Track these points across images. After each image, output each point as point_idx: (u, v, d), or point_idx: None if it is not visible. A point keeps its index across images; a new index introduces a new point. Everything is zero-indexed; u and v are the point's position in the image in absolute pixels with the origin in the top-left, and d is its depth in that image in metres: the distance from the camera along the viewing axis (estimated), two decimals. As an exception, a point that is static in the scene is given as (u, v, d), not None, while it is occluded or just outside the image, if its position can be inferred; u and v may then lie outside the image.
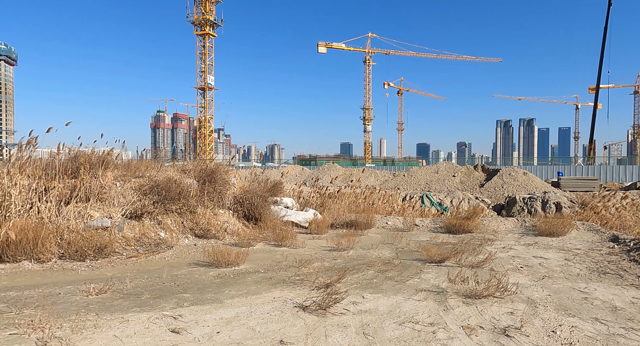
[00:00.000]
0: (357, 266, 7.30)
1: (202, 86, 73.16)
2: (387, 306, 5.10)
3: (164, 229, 10.15)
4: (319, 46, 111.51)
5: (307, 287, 5.85)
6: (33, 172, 9.24)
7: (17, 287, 5.86)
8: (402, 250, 8.92)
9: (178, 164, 14.40)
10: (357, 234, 10.67)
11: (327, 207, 14.88)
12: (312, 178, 30.76)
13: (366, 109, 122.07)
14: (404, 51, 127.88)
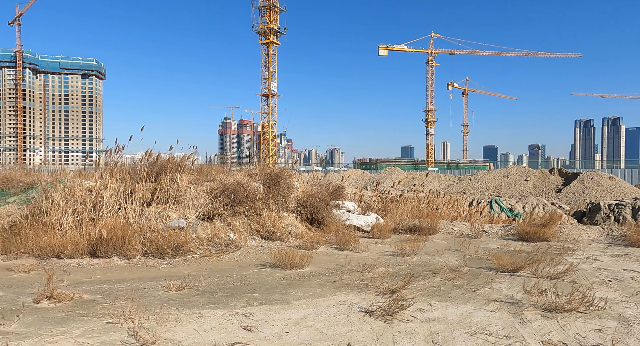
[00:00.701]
0: (422, 272, 7.13)
1: (265, 93, 75.97)
2: (456, 315, 4.92)
3: (233, 231, 10.67)
4: (380, 49, 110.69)
5: (372, 292, 5.83)
6: (122, 176, 10.21)
7: (109, 280, 6.51)
8: (471, 258, 8.55)
9: (245, 168, 15.07)
10: (421, 240, 10.41)
11: (389, 211, 14.69)
12: (373, 181, 30.52)
13: (428, 111, 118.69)
14: (470, 50, 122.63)
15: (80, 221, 9.21)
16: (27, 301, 5.21)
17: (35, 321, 4.55)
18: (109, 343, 3.98)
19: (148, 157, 11.36)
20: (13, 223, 9.21)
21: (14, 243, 8.28)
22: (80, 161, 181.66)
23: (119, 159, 11.18)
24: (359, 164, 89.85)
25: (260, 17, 75.30)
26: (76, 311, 4.90)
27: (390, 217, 13.98)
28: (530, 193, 24.41)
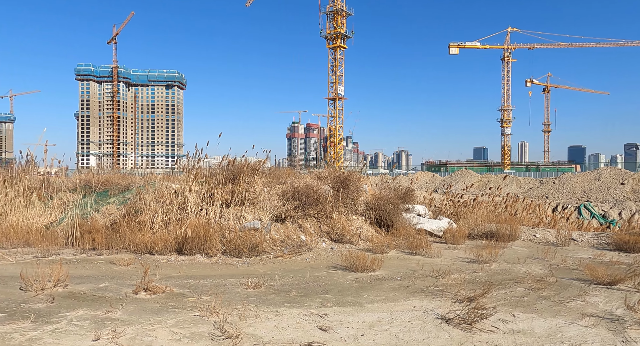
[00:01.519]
0: (502, 281, 6.73)
1: (332, 97, 76.85)
2: (544, 328, 4.58)
3: (304, 233, 10.94)
4: (451, 47, 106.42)
5: (447, 299, 5.65)
6: (206, 179, 10.98)
7: (194, 276, 7.05)
8: (557, 267, 7.89)
9: (314, 171, 15.37)
10: (499, 247, 9.82)
11: (462, 216, 14.06)
12: (443, 184, 29.41)
13: (504, 110, 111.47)
14: (553, 43, 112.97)
15: (168, 221, 10.08)
16: (128, 291, 5.84)
17: (135, 310, 5.09)
18: (198, 334, 4.32)
19: (226, 162, 12.09)
20: (113, 221, 10.34)
21: (114, 239, 9.29)
22: (164, 164, 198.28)
23: (199, 164, 12.03)
24: (428, 166, 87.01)
25: (327, 22, 76.51)
26: (168, 303, 5.38)
27: (464, 222, 13.37)
28: (627, 198, 21.82)
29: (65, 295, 5.66)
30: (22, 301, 5.34)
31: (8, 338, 4.14)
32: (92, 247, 9.17)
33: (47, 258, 8.24)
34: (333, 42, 76.31)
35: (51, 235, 9.84)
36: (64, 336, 4.20)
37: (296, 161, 25.84)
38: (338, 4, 74.99)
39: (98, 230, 9.64)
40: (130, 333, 4.31)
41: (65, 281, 6.05)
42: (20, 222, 11.03)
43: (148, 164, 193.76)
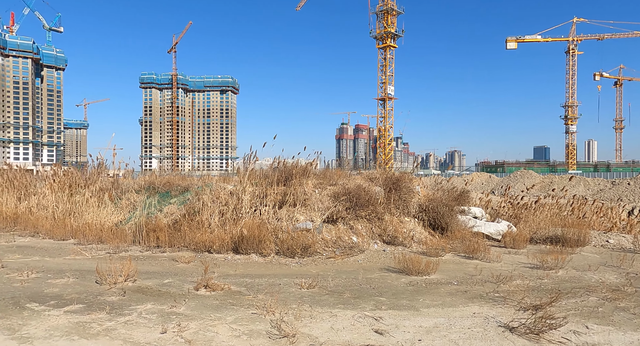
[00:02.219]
0: (572, 289, 6.27)
1: (382, 97, 75.98)
2: (624, 343, 4.20)
3: (356, 234, 10.89)
4: (508, 42, 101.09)
5: (510, 306, 5.36)
6: (258, 181, 11.30)
7: (250, 275, 7.26)
8: (636, 276, 7.20)
9: (364, 172, 15.27)
10: (565, 252, 9.16)
11: (523, 219, 13.28)
12: (501, 186, 28.00)
13: (569, 106, 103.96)
14: (626, 33, 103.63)
15: (224, 221, 10.49)
16: (189, 288, 6.14)
17: (197, 306, 5.34)
18: (256, 332, 4.45)
19: (278, 163, 12.35)
20: (175, 221, 10.95)
21: (176, 238, 9.83)
22: (219, 166, 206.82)
23: (253, 166, 12.39)
24: (483, 167, 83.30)
25: (377, 21, 75.86)
26: (227, 300, 5.59)
27: (525, 225, 12.63)
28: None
29: (135, 289, 6.06)
30: (98, 293, 5.81)
31: (88, 328, 4.51)
32: (157, 245, 9.76)
33: (118, 254, 8.88)
34: (383, 41, 75.46)
35: (121, 233, 10.61)
36: (135, 328, 4.51)
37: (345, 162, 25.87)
38: (388, 3, 74.07)
39: (161, 229, 10.25)
40: (194, 327, 4.53)
41: (134, 277, 6.49)
42: (94, 220, 12.01)
43: (204, 166, 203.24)
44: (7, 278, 6.64)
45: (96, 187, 13.89)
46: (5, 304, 5.30)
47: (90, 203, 13.26)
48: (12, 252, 9.03)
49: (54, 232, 11.19)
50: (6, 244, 10.08)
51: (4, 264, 7.58)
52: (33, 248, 9.68)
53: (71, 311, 5.05)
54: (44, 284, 6.31)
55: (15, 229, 12.27)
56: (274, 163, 12.56)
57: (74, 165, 18.59)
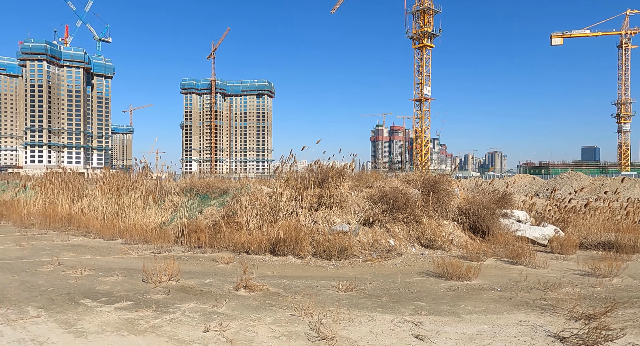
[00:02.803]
0: (629, 299, 5.86)
1: (418, 98, 74.71)
2: (688, 359, 3.88)
3: (393, 237, 10.75)
4: (553, 38, 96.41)
5: (560, 315, 5.09)
6: (294, 183, 11.42)
7: (287, 276, 7.34)
8: (701, 287, 6.64)
9: (401, 174, 15.04)
10: (620, 259, 8.60)
11: (572, 223, 12.61)
12: (546, 188, 26.71)
13: (622, 104, 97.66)
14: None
15: (262, 222, 10.67)
16: (229, 288, 6.29)
17: (237, 306, 5.46)
18: (295, 334, 4.49)
19: (314, 166, 12.42)
20: (214, 222, 11.26)
21: (216, 239, 10.11)
22: (255, 169, 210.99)
23: (290, 168, 12.53)
24: (526, 168, 79.84)
25: (413, 21, 74.74)
26: (266, 301, 5.68)
27: (574, 230, 11.99)
28: None
29: (178, 288, 6.29)
30: (145, 291, 6.07)
31: (136, 324, 4.73)
32: (198, 245, 10.08)
33: (162, 254, 9.25)
34: (419, 41, 74.25)
35: (164, 233, 11.05)
36: (180, 326, 4.67)
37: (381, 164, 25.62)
38: (425, 2, 72.81)
39: (202, 230, 10.58)
40: (234, 327, 4.64)
41: (177, 276, 6.74)
42: (140, 221, 12.58)
43: (241, 169, 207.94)
44: (63, 275, 7.08)
45: (142, 189, 14.55)
46: (62, 299, 5.66)
47: (136, 205, 13.91)
48: (67, 250, 9.62)
49: (103, 232, 11.82)
50: (62, 243, 10.76)
51: (61, 261, 8.09)
52: (85, 246, 10.27)
53: (120, 307, 5.31)
54: (95, 281, 6.68)
55: (70, 228, 13.07)
56: (310, 166, 12.64)
57: (121, 168, 19.59)
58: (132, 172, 16.69)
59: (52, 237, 11.64)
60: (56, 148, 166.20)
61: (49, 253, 9.24)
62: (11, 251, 9.58)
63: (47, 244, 10.54)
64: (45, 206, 16.02)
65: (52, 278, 6.92)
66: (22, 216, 14.95)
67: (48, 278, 6.87)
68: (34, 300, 5.61)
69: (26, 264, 8.01)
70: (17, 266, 7.91)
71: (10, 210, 16.18)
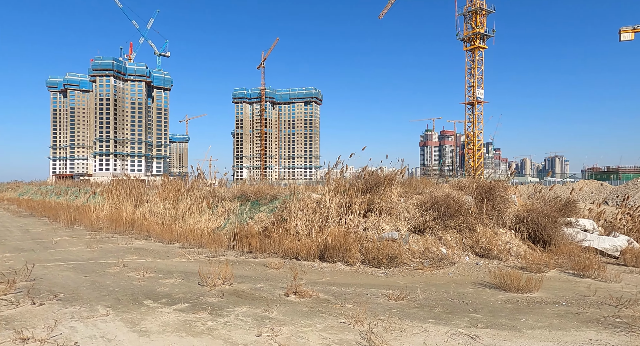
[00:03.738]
0: None
1: (470, 101, 72.08)
2: None
3: (445, 245, 10.40)
4: (623, 33, 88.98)
5: (637, 335, 4.63)
6: (344, 189, 11.42)
7: (336, 283, 7.33)
8: None
9: (453, 180, 14.55)
10: None
11: (648, 233, 11.50)
12: (616, 195, 24.60)
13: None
14: None
15: (310, 229, 10.76)
16: (280, 293, 6.39)
17: (288, 311, 5.53)
18: (346, 342, 4.46)
19: (362, 172, 12.35)
20: (265, 228, 11.53)
21: (266, 244, 10.34)
22: (303, 175, 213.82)
23: (339, 175, 12.55)
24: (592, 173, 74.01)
25: (465, 23, 72.42)
26: (316, 308, 5.70)
27: (650, 240, 10.92)
28: None
29: (231, 292, 6.49)
30: (200, 294, 6.33)
31: (193, 326, 4.94)
32: (249, 250, 10.36)
33: (216, 258, 9.61)
34: (471, 43, 71.75)
35: (217, 238, 11.48)
36: (233, 329, 4.81)
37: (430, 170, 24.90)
38: (477, 2, 70.37)
39: (253, 235, 10.86)
40: (286, 333, 4.69)
41: (231, 280, 6.96)
42: (195, 226, 13.18)
43: (289, 175, 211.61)
44: (127, 277, 7.58)
45: (197, 195, 15.25)
46: (127, 299, 6.05)
47: (191, 210, 14.59)
48: (131, 253, 10.29)
49: (162, 236, 12.51)
50: (126, 246, 11.52)
51: (125, 263, 8.67)
52: (146, 250, 10.92)
53: (179, 309, 5.58)
54: (156, 283, 7.07)
55: (133, 232, 13.98)
56: (359, 172, 12.59)
57: (178, 175, 20.69)
58: (188, 179, 17.54)
59: (118, 240, 12.50)
60: (121, 157, 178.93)
61: (115, 255, 9.93)
62: (83, 252, 10.42)
63: (113, 247, 11.34)
64: (111, 211, 17.26)
65: (118, 278, 7.42)
66: (92, 220, 16.22)
67: (114, 279, 7.38)
68: (103, 299, 6.05)
69: (96, 266, 8.67)
70: (88, 267, 8.57)
71: (82, 214, 17.61)
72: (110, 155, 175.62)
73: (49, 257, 9.74)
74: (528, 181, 52.38)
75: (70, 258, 9.67)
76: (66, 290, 6.57)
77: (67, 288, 6.71)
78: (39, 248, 11.13)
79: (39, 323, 5.03)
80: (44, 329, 4.77)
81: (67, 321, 5.10)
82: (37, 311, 5.45)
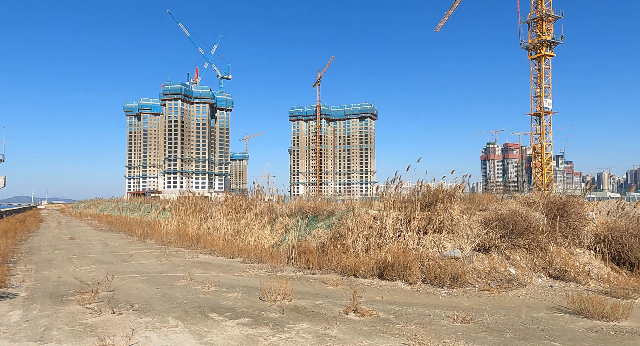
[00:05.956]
0: None
1: (537, 112, 67.91)
2: None
3: (513, 265, 9.74)
4: None
5: None
6: (400, 205, 11.20)
7: (396, 302, 7.12)
8: None
9: (519, 196, 13.68)
10: None
11: None
12: None
13: None
14: None
15: (368, 245, 10.62)
16: (339, 311, 6.34)
17: (348, 330, 5.46)
18: (409, 364, 4.29)
19: (420, 187, 12.03)
20: (322, 244, 11.57)
21: (324, 260, 10.35)
22: (359, 191, 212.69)
23: (396, 190, 12.33)
24: (686, 186, 65.90)
25: (529, 31, 68.88)
26: (376, 327, 5.57)
27: None
28: None
29: (291, 307, 6.56)
30: (262, 309, 6.47)
31: (255, 340, 5.05)
32: (307, 266, 10.43)
33: (275, 273, 9.79)
34: (536, 51, 67.93)
35: (276, 253, 11.72)
36: None
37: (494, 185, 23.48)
38: (542, 9, 66.73)
39: (311, 251, 10.95)
40: (346, 351, 4.63)
41: (290, 296, 7.04)
42: (256, 241, 13.57)
43: (345, 191, 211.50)
44: (194, 290, 7.96)
45: (257, 211, 15.75)
46: (194, 312, 6.35)
47: (251, 226, 15.08)
48: (196, 267, 10.82)
49: (225, 251, 13.03)
50: (192, 260, 12.14)
51: (192, 277, 9.13)
52: (211, 264, 11.41)
53: (242, 323, 5.73)
54: (220, 297, 7.34)
55: (198, 247, 14.71)
56: (416, 187, 12.28)
57: (239, 192, 21.54)
58: (248, 195, 18.17)
59: (185, 254, 13.21)
60: (187, 175, 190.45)
61: (182, 268, 10.49)
62: (154, 265, 11.13)
63: (181, 260, 11.99)
64: (178, 227, 18.34)
65: (185, 291, 7.82)
66: (162, 235, 17.33)
67: (182, 292, 7.78)
68: (173, 311, 6.39)
69: (165, 278, 9.21)
70: (159, 279, 9.13)
71: (154, 229, 18.90)
72: (177, 173, 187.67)
73: (125, 269, 10.53)
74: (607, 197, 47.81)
75: (143, 270, 10.37)
76: (140, 301, 7.04)
77: (141, 299, 7.18)
78: (117, 261, 12.07)
79: (118, 331, 5.42)
80: (122, 337, 5.13)
81: (142, 330, 5.44)
82: (116, 320, 5.89)
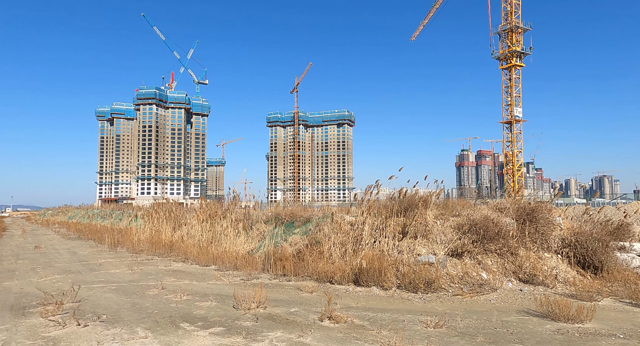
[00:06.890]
0: None
1: (508, 120, 70.12)
2: None
3: (485, 270, 9.95)
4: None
5: None
6: (378, 211, 11.28)
7: (371, 308, 7.14)
8: None
9: (491, 202, 14.05)
10: None
11: None
12: (674, 216, 22.74)
13: None
14: None
15: (344, 251, 10.64)
16: (314, 318, 6.30)
17: (322, 337, 5.43)
18: (382, 371, 4.30)
19: (396, 194, 12.17)
20: (298, 251, 11.51)
21: (300, 267, 10.29)
22: (336, 197, 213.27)
23: (372, 197, 12.43)
24: (646, 192, 69.26)
25: (500, 42, 71.25)
26: (351, 334, 5.57)
27: None
28: None
29: (265, 315, 6.47)
30: (235, 318, 6.35)
31: (227, 349, 4.94)
32: (283, 273, 10.35)
33: (250, 281, 9.65)
34: (507, 61, 70.34)
35: (252, 260, 11.57)
36: (267, 354, 4.77)
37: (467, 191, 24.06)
38: (512, 21, 69.27)
39: (287, 258, 10.86)
40: (320, 359, 4.59)
41: (265, 304, 6.95)
42: (231, 248, 13.37)
43: (322, 197, 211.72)
44: (166, 299, 7.75)
45: (232, 218, 15.54)
46: (165, 322, 6.17)
47: (227, 233, 14.85)
48: (169, 275, 10.54)
49: (199, 258, 12.76)
50: (165, 268, 11.83)
51: (164, 286, 8.88)
52: (184, 272, 11.15)
53: (214, 333, 5.61)
54: (192, 306, 7.17)
55: (171, 255, 14.35)
56: (393, 194, 12.41)
57: (215, 198, 21.21)
58: (224, 201, 17.93)
59: (157, 262, 12.86)
60: (161, 181, 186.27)
61: (154, 277, 10.20)
62: (125, 274, 10.78)
63: (153, 269, 11.67)
64: (151, 234, 17.87)
65: (156, 301, 7.60)
66: (134, 243, 16.84)
67: (153, 301, 7.56)
68: (142, 321, 6.19)
69: (136, 288, 8.93)
70: (129, 288, 8.85)
71: (125, 237, 18.34)
72: (151, 179, 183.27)
73: (93, 279, 10.15)
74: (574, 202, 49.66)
75: (112, 280, 10.03)
76: (108, 312, 6.80)
77: (109, 310, 6.93)
78: (85, 270, 11.63)
79: (83, 344, 5.21)
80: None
81: (109, 342, 5.25)
82: (81, 333, 5.66)
